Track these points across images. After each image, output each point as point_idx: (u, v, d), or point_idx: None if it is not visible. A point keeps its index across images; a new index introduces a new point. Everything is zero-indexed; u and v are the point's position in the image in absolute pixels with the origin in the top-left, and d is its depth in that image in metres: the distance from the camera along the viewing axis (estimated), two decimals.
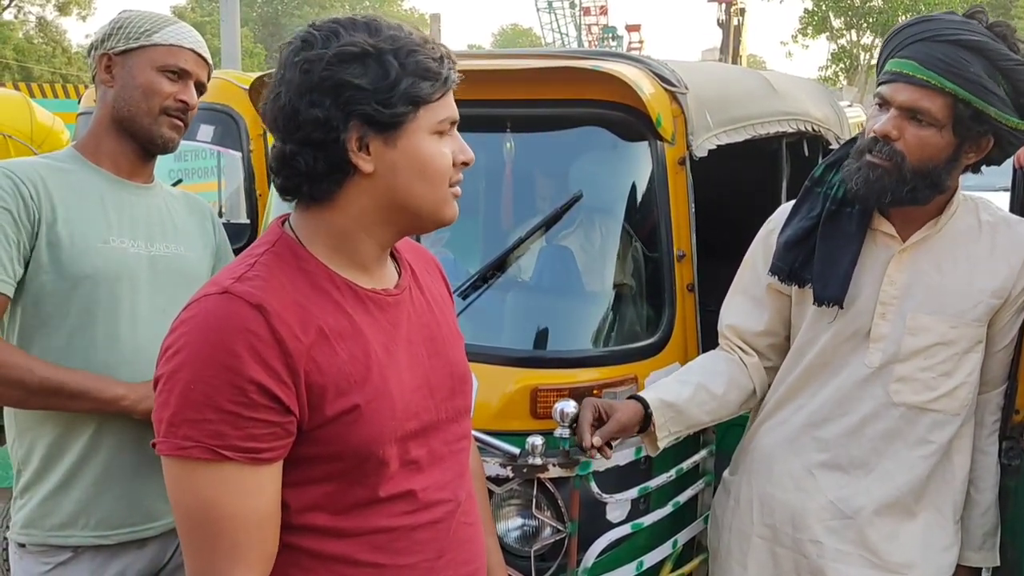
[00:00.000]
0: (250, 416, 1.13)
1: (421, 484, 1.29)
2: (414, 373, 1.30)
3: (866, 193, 1.78)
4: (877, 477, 1.91)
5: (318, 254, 1.26)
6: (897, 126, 1.75)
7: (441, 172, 1.26)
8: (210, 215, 2.08)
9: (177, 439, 1.13)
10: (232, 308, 1.16)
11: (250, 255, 1.26)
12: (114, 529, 1.82)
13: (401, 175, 1.24)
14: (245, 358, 1.13)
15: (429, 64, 1.22)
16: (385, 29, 1.23)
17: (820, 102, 3.51)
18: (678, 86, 2.43)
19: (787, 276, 1.93)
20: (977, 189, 2.08)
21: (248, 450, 1.14)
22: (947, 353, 1.86)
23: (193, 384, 1.13)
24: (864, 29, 28.58)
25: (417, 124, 1.23)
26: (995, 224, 1.89)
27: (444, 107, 1.26)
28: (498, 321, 2.52)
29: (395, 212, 1.27)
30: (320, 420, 1.19)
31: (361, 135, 1.21)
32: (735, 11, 24.39)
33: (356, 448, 1.21)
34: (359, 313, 1.26)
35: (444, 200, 1.28)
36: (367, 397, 1.21)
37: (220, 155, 4.69)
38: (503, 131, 2.54)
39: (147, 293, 1.85)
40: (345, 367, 1.21)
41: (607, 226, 2.57)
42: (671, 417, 1.97)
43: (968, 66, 1.71)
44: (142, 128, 1.86)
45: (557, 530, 2.11)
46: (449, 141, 1.28)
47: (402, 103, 1.20)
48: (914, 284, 1.86)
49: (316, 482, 1.22)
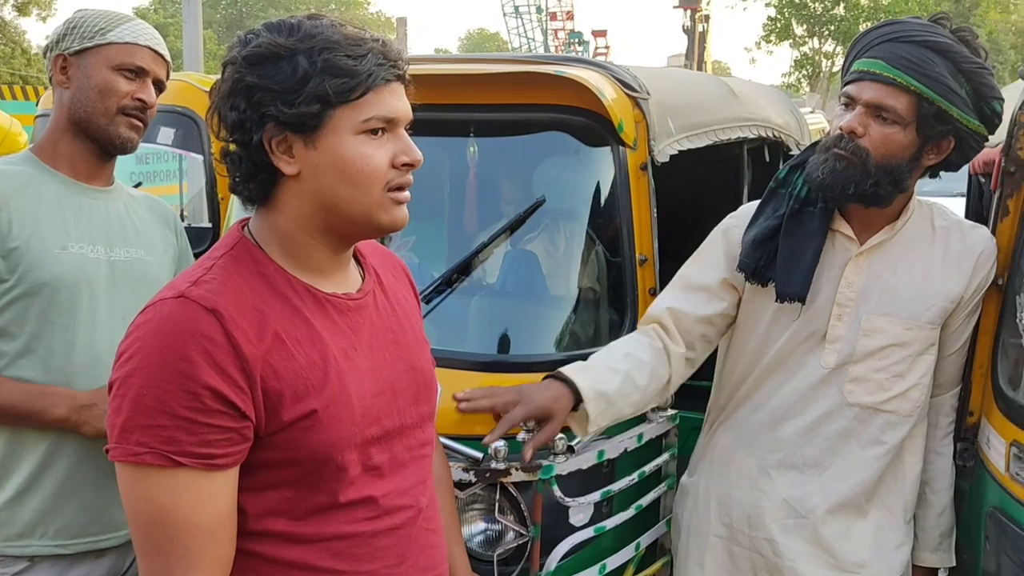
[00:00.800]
0: (205, 422, 1.12)
1: (382, 490, 1.28)
2: (376, 378, 1.29)
3: (831, 183, 1.81)
4: (831, 476, 1.94)
5: (275, 257, 1.25)
6: (863, 123, 1.78)
7: (366, 174, 1.21)
8: (172, 219, 2.05)
9: (130, 445, 1.12)
10: (187, 313, 1.14)
11: (208, 259, 1.25)
12: (73, 538, 1.79)
13: (324, 177, 1.21)
14: (200, 363, 1.11)
15: (342, 62, 1.18)
16: (308, 28, 1.20)
17: (781, 109, 3.56)
18: (640, 92, 2.45)
19: (752, 274, 1.95)
20: (935, 194, 2.12)
21: (203, 456, 1.13)
22: (901, 355, 1.89)
23: (146, 389, 1.11)
24: (826, 37, 28.97)
25: (335, 124, 1.19)
26: (948, 229, 1.93)
27: (370, 106, 1.21)
28: (462, 325, 2.52)
29: (328, 216, 1.24)
30: (277, 425, 1.17)
31: (282, 137, 1.20)
32: (700, 18, 24.62)
33: (314, 453, 1.20)
34: (318, 317, 1.24)
35: (377, 204, 1.23)
36: (325, 402, 1.20)
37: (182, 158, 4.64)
38: (467, 135, 2.54)
39: (106, 299, 1.82)
40: (303, 372, 1.19)
41: (570, 231, 2.58)
42: (603, 410, 1.88)
43: (933, 66, 1.75)
44: (99, 129, 1.83)
45: (520, 534, 2.11)
46: (385, 141, 1.23)
47: (307, 103, 1.17)
48: (870, 287, 1.89)
49: (274, 487, 1.21)
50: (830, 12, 28.32)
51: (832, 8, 28.21)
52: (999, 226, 1.99)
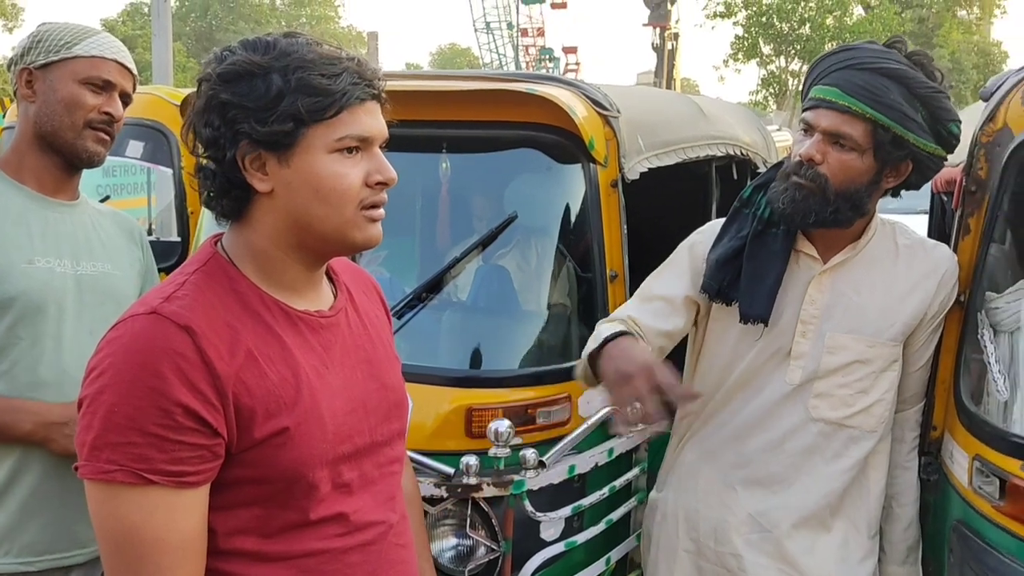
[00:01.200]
0: (176, 439, 1.11)
1: (352, 507, 1.28)
2: (348, 396, 1.29)
3: (792, 212, 1.84)
4: (796, 492, 1.96)
5: (248, 274, 1.25)
6: (821, 150, 1.81)
7: (339, 192, 1.21)
8: (138, 234, 2.04)
9: (100, 463, 1.11)
10: (159, 329, 1.14)
11: (181, 274, 1.24)
12: (39, 556, 1.77)
13: (297, 195, 1.21)
14: (171, 380, 1.11)
15: (316, 81, 1.18)
16: (283, 46, 1.20)
17: (748, 127, 3.61)
18: (610, 110, 2.48)
19: (715, 294, 1.97)
20: (898, 212, 2.16)
21: (174, 474, 1.12)
22: (864, 371, 1.92)
23: (117, 407, 1.11)
24: (792, 56, 29.37)
25: (309, 143, 1.19)
26: (912, 248, 1.97)
27: (344, 125, 1.20)
28: (433, 341, 2.53)
29: (302, 233, 1.24)
30: (249, 442, 1.17)
31: (256, 154, 1.20)
32: (669, 36, 24.87)
33: (285, 471, 1.19)
34: (289, 335, 1.24)
35: (350, 223, 1.23)
36: (297, 420, 1.20)
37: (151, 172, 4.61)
38: (439, 151, 2.55)
39: (73, 314, 1.81)
40: (275, 389, 1.19)
41: (541, 247, 2.59)
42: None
43: (888, 93, 1.77)
44: (66, 143, 1.81)
45: (491, 549, 2.11)
46: (359, 160, 1.23)
47: (280, 121, 1.17)
48: (833, 304, 1.92)
49: (244, 505, 1.20)
50: (796, 32, 28.72)
51: (798, 28, 28.62)
52: (960, 244, 2.03)
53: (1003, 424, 1.88)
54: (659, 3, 24.98)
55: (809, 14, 28.27)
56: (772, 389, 1.95)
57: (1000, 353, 1.92)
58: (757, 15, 28.90)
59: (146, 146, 3.92)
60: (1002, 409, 1.90)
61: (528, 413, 2.23)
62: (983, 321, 1.95)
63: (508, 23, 41.89)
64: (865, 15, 29.69)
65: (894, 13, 29.16)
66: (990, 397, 1.94)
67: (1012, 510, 1.77)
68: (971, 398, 1.97)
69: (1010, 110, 1.98)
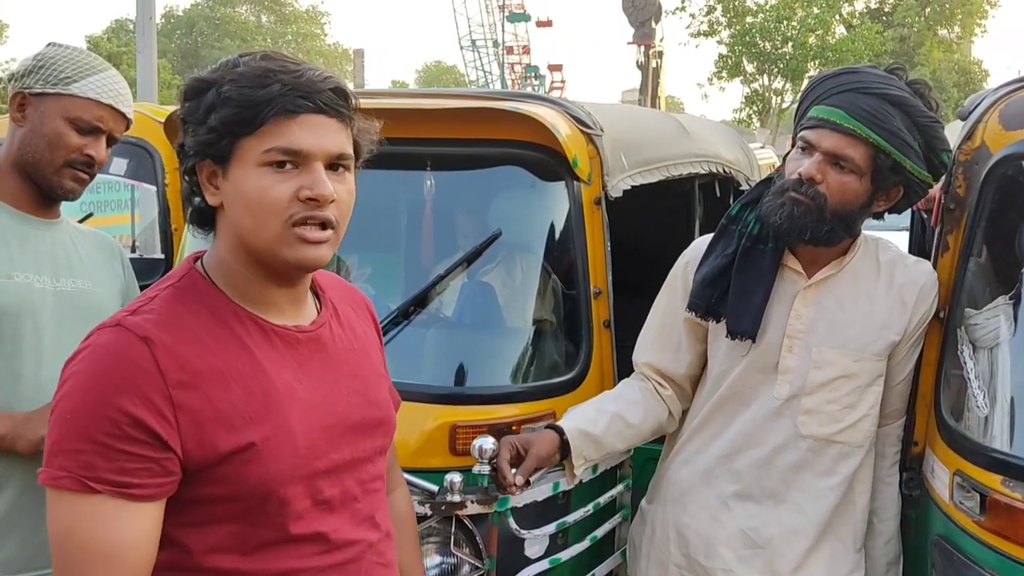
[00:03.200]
0: (121, 448, 1.11)
1: (332, 525, 1.27)
2: (326, 411, 1.28)
3: (789, 228, 1.86)
4: (787, 508, 1.97)
5: (224, 288, 1.25)
6: (821, 170, 1.83)
7: (264, 207, 1.18)
8: (119, 253, 2.03)
9: (53, 468, 1.12)
10: (120, 340, 1.15)
11: (154, 289, 1.25)
12: (17, 573, 1.75)
13: (232, 209, 1.22)
14: (123, 390, 1.12)
15: (244, 92, 1.17)
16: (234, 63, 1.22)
17: (731, 145, 3.63)
18: (594, 128, 2.49)
19: (703, 312, 1.99)
20: (879, 229, 2.17)
21: (118, 484, 1.12)
22: (850, 386, 1.93)
23: (71, 414, 1.12)
24: (775, 74, 29.61)
25: (241, 155, 1.19)
26: (892, 263, 1.99)
27: (270, 137, 1.18)
28: (417, 358, 2.53)
29: (246, 248, 1.23)
30: (214, 458, 1.16)
31: (213, 169, 1.22)
32: (653, 54, 25.02)
33: (255, 487, 1.19)
34: (263, 349, 1.24)
35: (279, 239, 1.20)
36: (264, 435, 1.19)
37: (134, 189, 4.60)
38: (424, 169, 2.56)
39: (52, 329, 1.80)
40: (239, 404, 1.18)
41: (525, 264, 2.60)
42: (588, 445, 1.99)
43: (891, 120, 1.81)
44: (44, 177, 1.81)
45: (476, 567, 2.11)
46: (293, 175, 1.19)
47: (207, 132, 1.19)
48: (818, 319, 1.94)
49: (219, 522, 1.20)
50: (779, 51, 28.97)
51: (781, 47, 28.87)
52: (940, 261, 2.06)
53: (983, 439, 1.89)
54: (644, 21, 25.16)
55: (792, 33, 28.55)
56: (760, 404, 1.97)
57: (980, 369, 1.94)
58: (741, 34, 29.15)
59: (130, 163, 3.91)
60: (982, 424, 1.92)
61: (513, 430, 2.23)
62: (963, 337, 1.97)
63: (494, 41, 42.08)
64: (847, 34, 30.01)
65: (876, 32, 29.47)
66: (970, 413, 1.95)
67: (993, 525, 1.78)
68: (952, 414, 1.98)
69: (987, 129, 2.01)
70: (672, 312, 2.09)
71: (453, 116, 2.48)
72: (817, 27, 28.37)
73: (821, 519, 1.96)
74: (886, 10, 36.17)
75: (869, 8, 35.70)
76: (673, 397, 2.11)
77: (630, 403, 2.07)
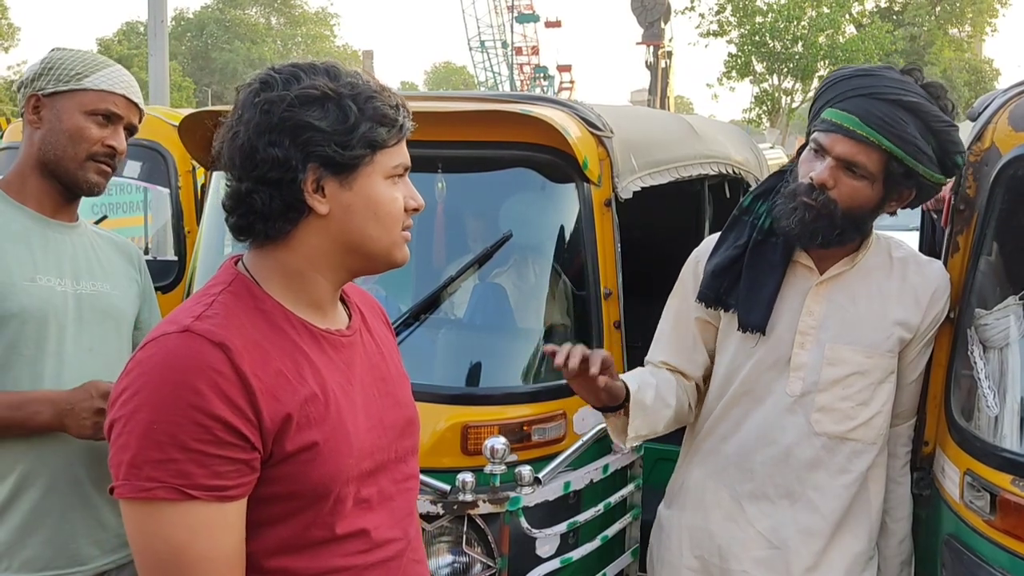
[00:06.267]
0: (216, 454, 1.13)
1: (373, 523, 1.29)
2: (368, 413, 1.32)
3: (800, 234, 1.87)
4: (803, 507, 1.96)
5: (274, 293, 1.27)
6: (833, 176, 1.83)
7: (394, 216, 1.29)
8: (136, 257, 2.05)
9: (140, 480, 1.11)
10: (194, 346, 1.15)
11: (206, 295, 1.25)
12: (39, 572, 1.77)
13: (356, 217, 1.27)
14: (209, 396, 1.13)
15: (386, 111, 1.26)
16: (344, 75, 1.27)
17: (740, 146, 3.64)
18: (604, 130, 2.51)
19: (713, 302, 1.99)
20: (890, 228, 2.18)
21: (215, 488, 1.13)
22: (863, 383, 1.93)
23: (156, 424, 1.11)
24: (785, 74, 29.52)
25: (373, 168, 1.26)
26: (905, 261, 1.99)
27: (399, 153, 1.30)
28: (429, 358, 2.54)
29: (348, 254, 1.29)
30: (281, 456, 1.19)
31: (317, 177, 1.24)
32: (663, 54, 25.00)
33: (315, 486, 1.22)
34: (315, 352, 1.27)
35: (396, 243, 1.31)
36: (326, 435, 1.22)
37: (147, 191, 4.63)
38: (435, 171, 2.58)
39: (73, 332, 1.82)
40: (306, 405, 1.21)
41: (536, 265, 2.62)
42: (642, 421, 1.94)
43: (905, 127, 1.79)
44: (68, 173, 1.84)
45: (487, 566, 2.12)
46: (401, 186, 1.31)
47: (360, 146, 1.24)
48: (830, 315, 1.94)
49: (274, 522, 1.22)
50: (789, 50, 28.87)
51: (791, 46, 28.77)
52: (950, 261, 2.06)
53: (993, 439, 1.90)
54: (653, 22, 25.14)
55: (801, 32, 28.45)
56: (773, 401, 1.97)
57: (990, 369, 1.94)
58: (750, 34, 29.08)
59: (143, 166, 3.94)
60: (992, 424, 1.92)
61: (524, 430, 2.25)
62: (973, 337, 1.98)
63: (503, 42, 42.10)
64: (857, 33, 29.89)
65: (886, 31, 29.33)
66: (981, 413, 1.96)
67: (1003, 524, 1.79)
68: (962, 414, 1.99)
69: (997, 130, 2.02)
70: (685, 312, 2.09)
71: (463, 119, 2.50)
72: (827, 26, 28.26)
73: (837, 518, 1.96)
74: (896, 9, 36.02)
75: (879, 7, 35.55)
76: (691, 388, 2.10)
77: (666, 383, 2.02)
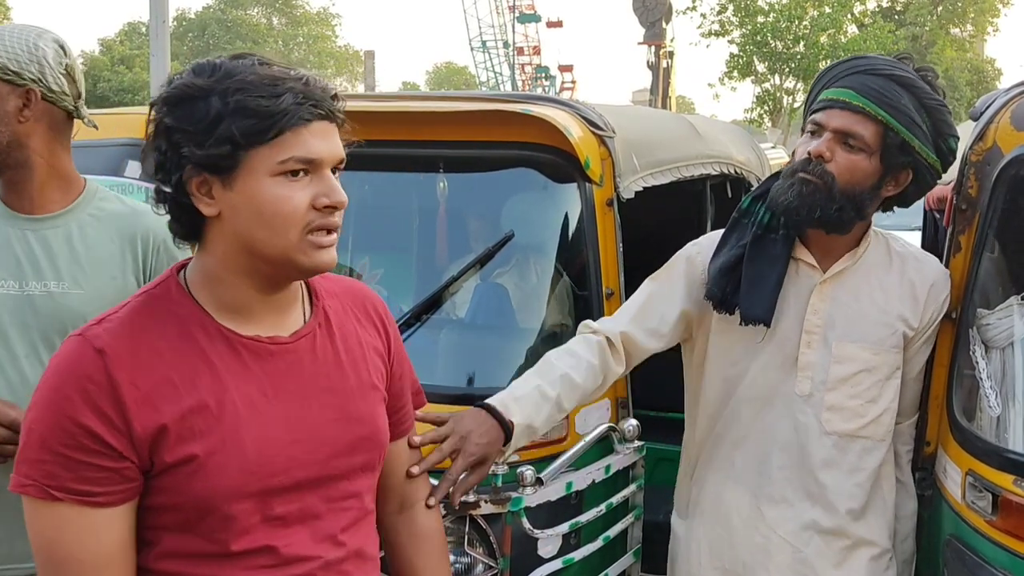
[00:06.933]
0: (83, 460, 1.14)
1: (285, 540, 1.25)
2: (293, 427, 1.26)
3: (798, 206, 1.85)
4: (823, 508, 1.95)
5: (201, 298, 1.25)
6: (830, 148, 1.84)
7: (283, 217, 1.19)
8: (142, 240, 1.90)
9: (19, 476, 1.16)
10: (76, 351, 1.18)
11: (133, 296, 1.27)
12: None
13: (241, 219, 1.20)
14: (78, 403, 1.14)
15: (255, 103, 1.16)
16: (227, 68, 1.19)
17: (742, 145, 3.64)
18: (606, 130, 2.50)
19: (719, 302, 1.98)
20: (892, 228, 2.18)
21: (81, 492, 1.15)
22: (871, 380, 1.93)
23: (35, 424, 1.16)
24: (787, 74, 29.49)
25: (251, 165, 1.18)
26: (904, 256, 1.99)
27: (286, 147, 1.18)
28: (430, 359, 2.54)
29: (251, 257, 1.22)
30: (161, 467, 1.18)
31: (202, 178, 1.19)
32: (664, 54, 25.01)
33: (197, 500, 1.19)
34: (226, 361, 1.23)
35: (295, 247, 1.21)
36: (209, 449, 1.19)
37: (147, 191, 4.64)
38: (436, 171, 2.58)
39: (18, 335, 1.76)
40: (189, 416, 1.18)
41: (538, 265, 2.62)
42: (526, 438, 1.84)
43: (899, 98, 1.82)
44: None
45: (489, 566, 2.12)
46: (307, 183, 1.20)
47: (218, 144, 1.16)
48: (835, 313, 1.93)
49: (168, 529, 1.21)
50: (791, 50, 28.84)
51: (793, 46, 28.75)
52: (952, 261, 2.06)
53: (995, 439, 1.90)
54: (654, 22, 25.15)
55: (803, 32, 28.43)
56: (782, 402, 1.95)
57: (992, 369, 1.94)
58: (752, 34, 29.05)
59: (144, 166, 3.94)
60: (994, 424, 1.92)
61: None
62: (975, 337, 1.98)
63: (504, 41, 42.07)
64: (858, 33, 29.88)
65: (888, 31, 29.31)
66: (982, 412, 1.96)
67: (1005, 525, 1.79)
68: (964, 414, 1.99)
69: (999, 129, 2.01)
70: (662, 296, 2.03)
71: (465, 118, 2.50)
72: (829, 26, 28.23)
73: (856, 517, 1.95)
74: (898, 9, 36.01)
75: (881, 7, 35.54)
76: (616, 375, 1.99)
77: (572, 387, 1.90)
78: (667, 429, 2.69)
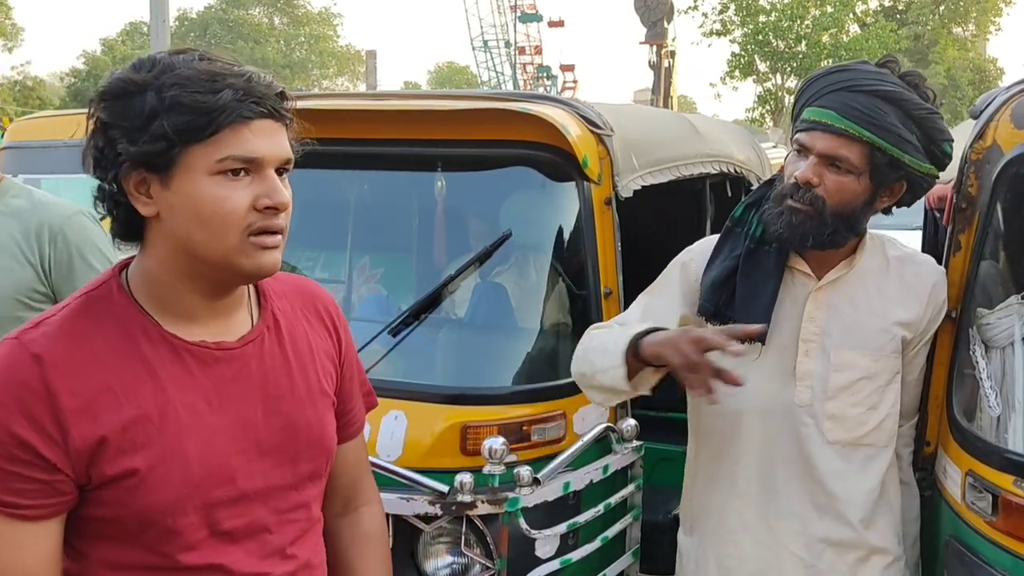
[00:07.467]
0: (11, 470, 1.09)
1: (232, 557, 1.20)
2: (238, 436, 1.21)
3: (789, 237, 1.83)
4: (831, 519, 1.91)
5: (143, 301, 1.20)
6: (817, 173, 1.80)
7: (221, 217, 1.14)
8: (35, 229, 1.91)
9: None
10: (13, 357, 1.12)
11: (68, 299, 1.21)
12: None
13: (179, 220, 1.15)
14: (12, 411, 1.09)
15: (191, 99, 1.11)
16: (165, 64, 1.14)
17: (742, 144, 3.63)
18: (604, 128, 2.50)
19: (713, 316, 1.96)
20: (892, 228, 2.16)
21: (8, 504, 1.10)
22: (872, 387, 1.90)
23: None
24: (788, 73, 29.51)
25: (188, 164, 1.13)
26: (901, 260, 1.97)
27: (224, 145, 1.13)
28: (428, 358, 2.54)
29: (190, 260, 1.17)
30: (100, 480, 1.12)
31: (141, 176, 1.14)
32: (666, 54, 24.97)
33: (138, 515, 1.14)
34: (168, 368, 1.18)
35: (236, 249, 1.15)
36: (151, 462, 1.14)
37: None
38: (434, 170, 2.57)
39: None
40: (129, 427, 1.13)
41: (536, 264, 2.61)
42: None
43: (885, 116, 1.78)
44: None
45: (486, 567, 2.12)
46: (248, 183, 1.15)
47: (151, 141, 1.11)
48: (832, 321, 1.91)
49: (111, 540, 1.16)
50: (792, 49, 28.86)
51: (794, 46, 28.76)
52: (952, 261, 2.05)
53: (995, 440, 1.89)
54: (656, 21, 25.12)
55: (805, 32, 28.45)
56: (783, 413, 1.92)
57: (992, 369, 1.93)
58: (753, 33, 29.07)
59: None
60: (994, 425, 1.91)
61: (523, 430, 2.24)
62: (975, 337, 1.97)
63: (506, 41, 42.07)
64: (861, 32, 29.87)
65: (890, 30, 29.30)
66: (982, 413, 1.94)
67: (1005, 525, 1.78)
68: (964, 414, 1.97)
69: (999, 128, 2.00)
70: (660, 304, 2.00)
71: (463, 117, 2.49)
72: (831, 25, 28.26)
73: (865, 526, 1.91)
74: (900, 8, 35.97)
75: (883, 6, 35.51)
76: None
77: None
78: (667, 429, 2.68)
